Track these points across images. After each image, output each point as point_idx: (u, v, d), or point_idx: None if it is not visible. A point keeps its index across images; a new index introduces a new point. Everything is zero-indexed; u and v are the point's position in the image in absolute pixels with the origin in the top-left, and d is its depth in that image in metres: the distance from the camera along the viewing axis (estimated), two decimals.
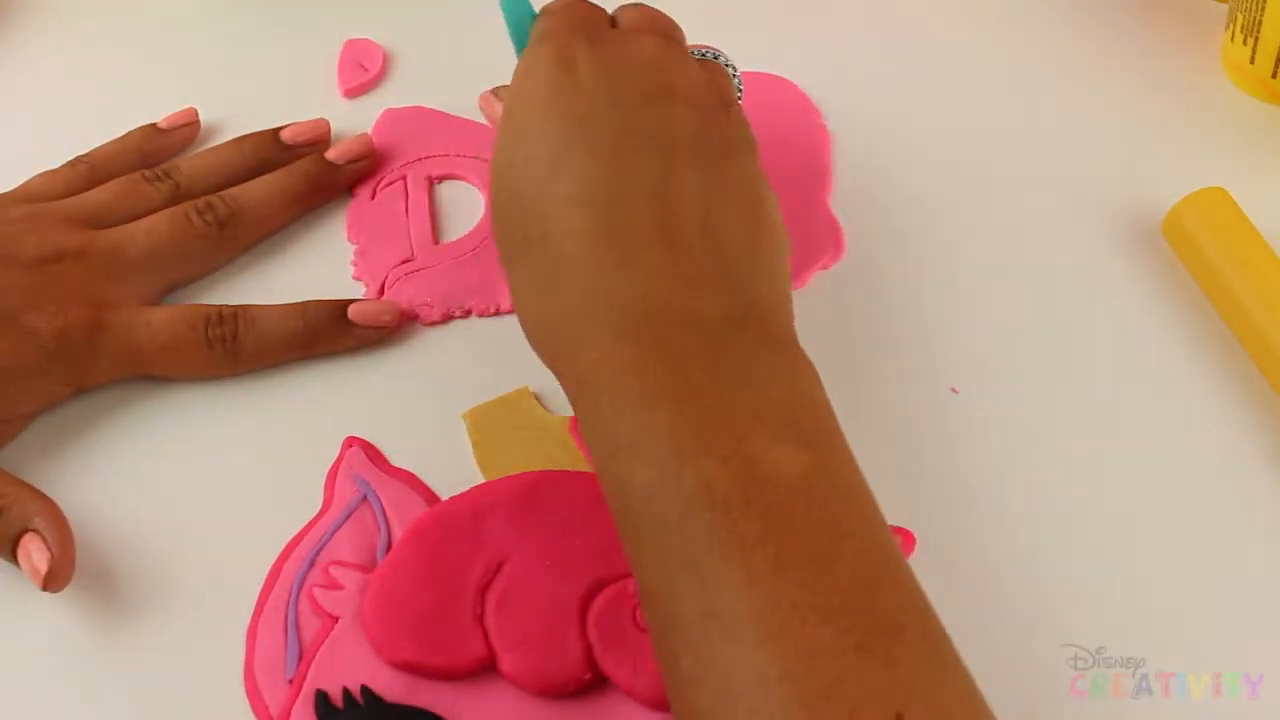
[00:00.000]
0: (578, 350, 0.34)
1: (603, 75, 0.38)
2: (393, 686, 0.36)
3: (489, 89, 0.45)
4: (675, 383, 0.32)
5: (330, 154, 0.49)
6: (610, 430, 0.33)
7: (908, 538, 0.38)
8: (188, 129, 0.51)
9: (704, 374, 0.33)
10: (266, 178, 0.48)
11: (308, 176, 0.49)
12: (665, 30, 0.41)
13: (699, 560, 0.30)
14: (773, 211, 0.38)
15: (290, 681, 0.37)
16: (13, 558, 0.38)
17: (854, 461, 0.33)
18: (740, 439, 0.31)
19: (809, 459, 0.31)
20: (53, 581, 0.38)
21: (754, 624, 0.28)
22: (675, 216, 0.35)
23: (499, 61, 0.54)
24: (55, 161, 0.49)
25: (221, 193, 0.47)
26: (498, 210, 0.38)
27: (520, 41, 0.42)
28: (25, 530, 0.38)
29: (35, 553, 0.38)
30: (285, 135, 0.50)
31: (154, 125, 0.51)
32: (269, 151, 0.49)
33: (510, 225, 0.37)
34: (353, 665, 0.37)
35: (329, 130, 0.51)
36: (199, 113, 0.52)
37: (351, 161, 0.49)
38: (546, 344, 0.36)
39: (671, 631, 0.30)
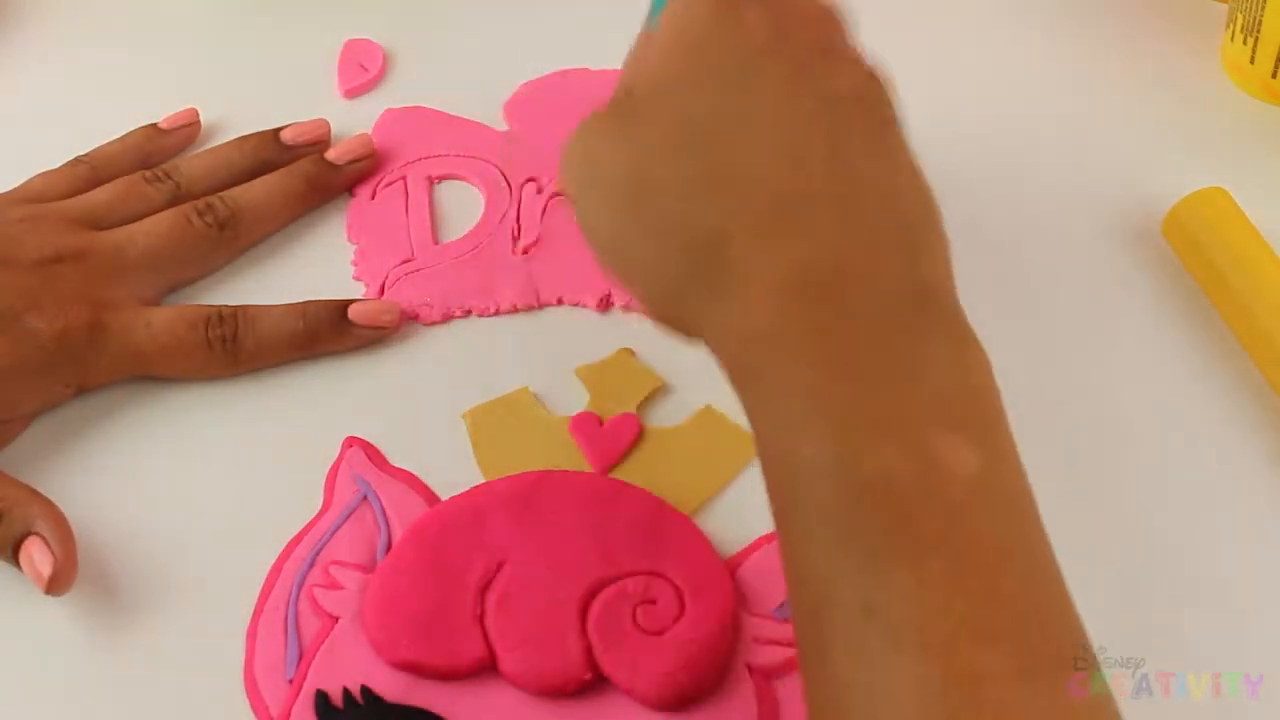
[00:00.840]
0: (742, 302, 0.31)
1: (768, 22, 0.35)
2: (393, 686, 0.36)
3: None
4: (858, 355, 0.30)
5: (330, 154, 0.49)
6: (781, 398, 0.30)
7: None
8: (188, 129, 0.51)
9: (883, 348, 0.30)
10: (266, 178, 0.48)
11: (308, 177, 0.49)
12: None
13: (870, 553, 0.28)
14: (933, 194, 0.35)
15: (290, 681, 0.37)
16: (14, 561, 0.38)
17: (1021, 464, 0.31)
18: (923, 428, 0.29)
19: (983, 458, 0.29)
20: (56, 585, 0.38)
21: (918, 633, 0.27)
22: (852, 181, 0.33)
23: (499, 61, 0.54)
24: (55, 161, 0.49)
25: (222, 193, 0.47)
26: (649, 145, 0.34)
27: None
28: (27, 533, 0.38)
29: (38, 556, 0.38)
30: (285, 136, 0.50)
31: (155, 125, 0.51)
32: (269, 152, 0.49)
33: (679, 163, 0.34)
34: (353, 665, 0.37)
35: (329, 130, 0.51)
36: (199, 113, 0.52)
37: (351, 162, 0.49)
38: (695, 295, 0.33)
39: (825, 617, 0.28)
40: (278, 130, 0.50)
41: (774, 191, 0.32)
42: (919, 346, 0.31)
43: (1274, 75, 0.50)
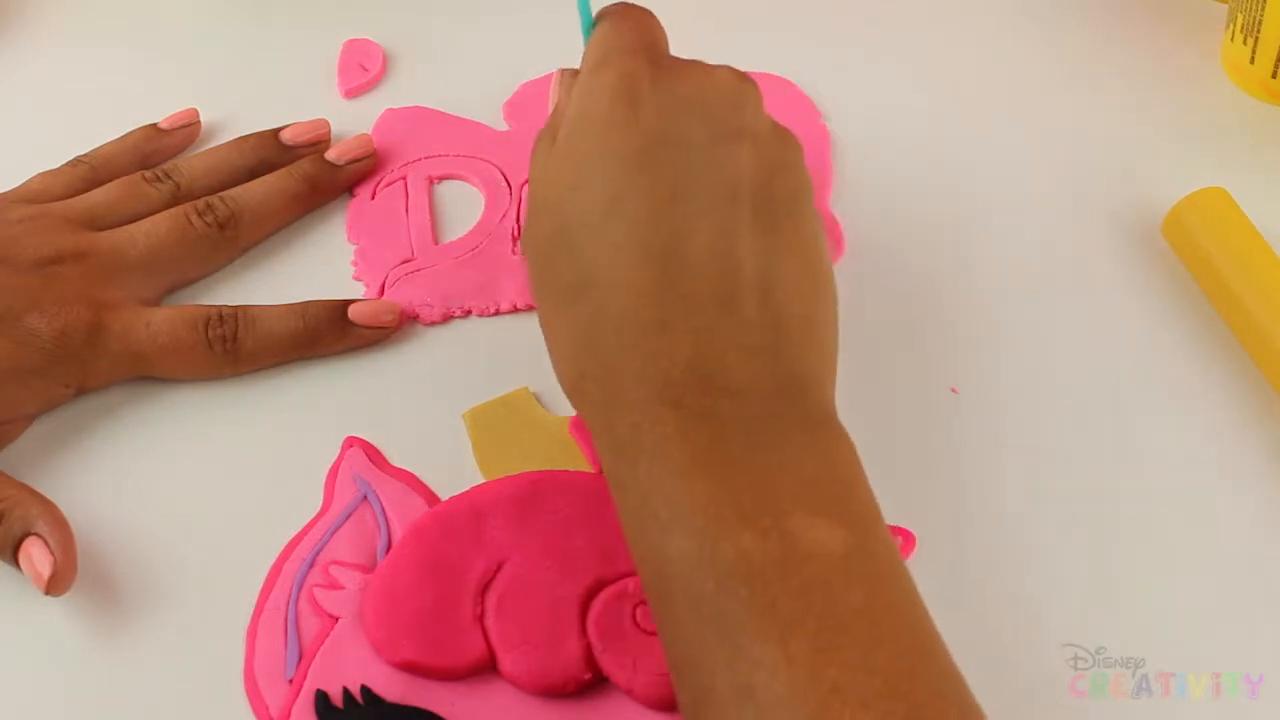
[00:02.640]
0: (617, 409, 0.33)
1: (667, 110, 0.35)
2: (393, 686, 0.36)
3: (562, 69, 0.41)
4: (717, 454, 0.31)
5: (330, 154, 0.49)
6: (647, 496, 0.31)
7: (908, 538, 0.38)
8: (188, 129, 0.51)
9: (745, 446, 0.31)
10: (266, 178, 0.48)
11: (308, 177, 0.49)
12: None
13: (735, 636, 0.29)
14: (829, 274, 0.36)
15: (290, 681, 0.37)
16: (14, 561, 0.38)
17: (892, 542, 0.32)
18: (780, 514, 0.30)
19: (848, 537, 0.30)
20: (56, 585, 0.38)
21: (791, 706, 0.28)
22: (733, 277, 0.33)
23: (499, 61, 0.54)
24: (56, 161, 0.49)
25: (221, 194, 0.47)
26: (540, 243, 0.36)
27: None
28: (27, 534, 0.38)
29: (38, 557, 0.38)
30: (285, 136, 0.50)
31: (155, 125, 0.51)
32: (269, 152, 0.49)
33: (555, 265, 0.35)
34: (353, 665, 0.37)
35: (329, 130, 0.51)
36: (199, 113, 0.52)
37: (352, 161, 0.49)
38: (583, 395, 0.35)
39: (705, 706, 0.29)
40: (278, 130, 0.50)
41: (637, 296, 0.33)
42: (781, 441, 0.32)
43: (1274, 75, 0.50)
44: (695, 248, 0.33)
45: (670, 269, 0.33)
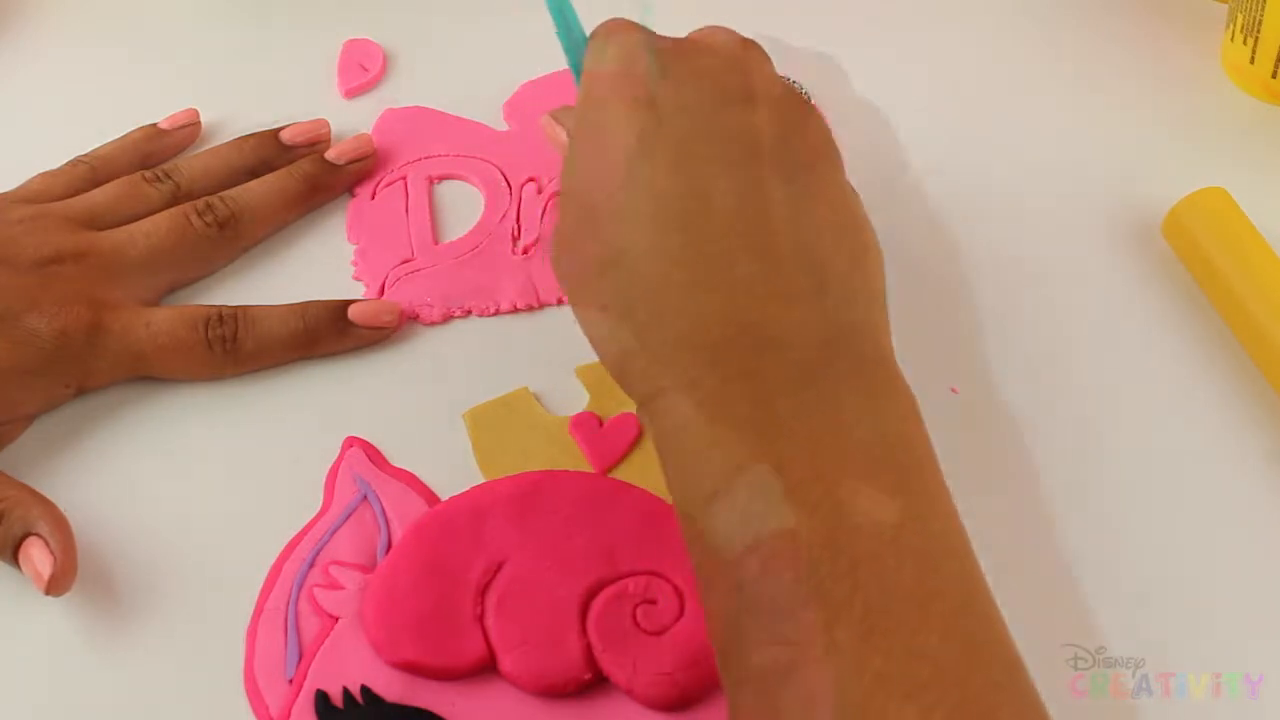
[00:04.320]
0: (658, 378, 0.32)
1: (674, 80, 0.35)
2: (393, 686, 0.36)
3: (549, 113, 0.42)
4: (761, 417, 0.30)
5: (330, 154, 0.49)
6: (693, 469, 0.31)
7: None
8: (189, 130, 0.51)
9: (792, 406, 0.30)
10: (266, 178, 0.48)
11: (307, 177, 0.49)
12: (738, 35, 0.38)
13: (779, 620, 0.28)
14: (867, 225, 0.35)
15: (290, 681, 0.37)
16: (14, 562, 0.38)
17: (951, 505, 0.30)
18: (831, 483, 0.29)
19: (902, 505, 0.29)
20: (56, 586, 0.38)
21: (834, 695, 0.27)
22: (762, 228, 0.33)
23: (499, 61, 0.54)
24: (55, 162, 0.49)
25: (221, 194, 0.47)
26: (565, 234, 0.36)
27: (575, 57, 0.40)
28: (27, 534, 0.38)
29: (38, 557, 0.38)
30: (285, 136, 0.50)
31: (155, 126, 0.51)
32: (269, 152, 0.49)
33: (582, 248, 0.35)
34: (353, 665, 0.37)
35: (329, 130, 0.51)
36: (199, 113, 0.52)
37: (351, 162, 0.49)
38: (627, 371, 0.34)
39: (748, 686, 0.28)
40: (277, 130, 0.50)
41: (665, 260, 0.33)
42: (831, 397, 0.30)
43: (1274, 75, 0.50)
44: (718, 206, 0.33)
45: (694, 228, 0.33)
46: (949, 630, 0.28)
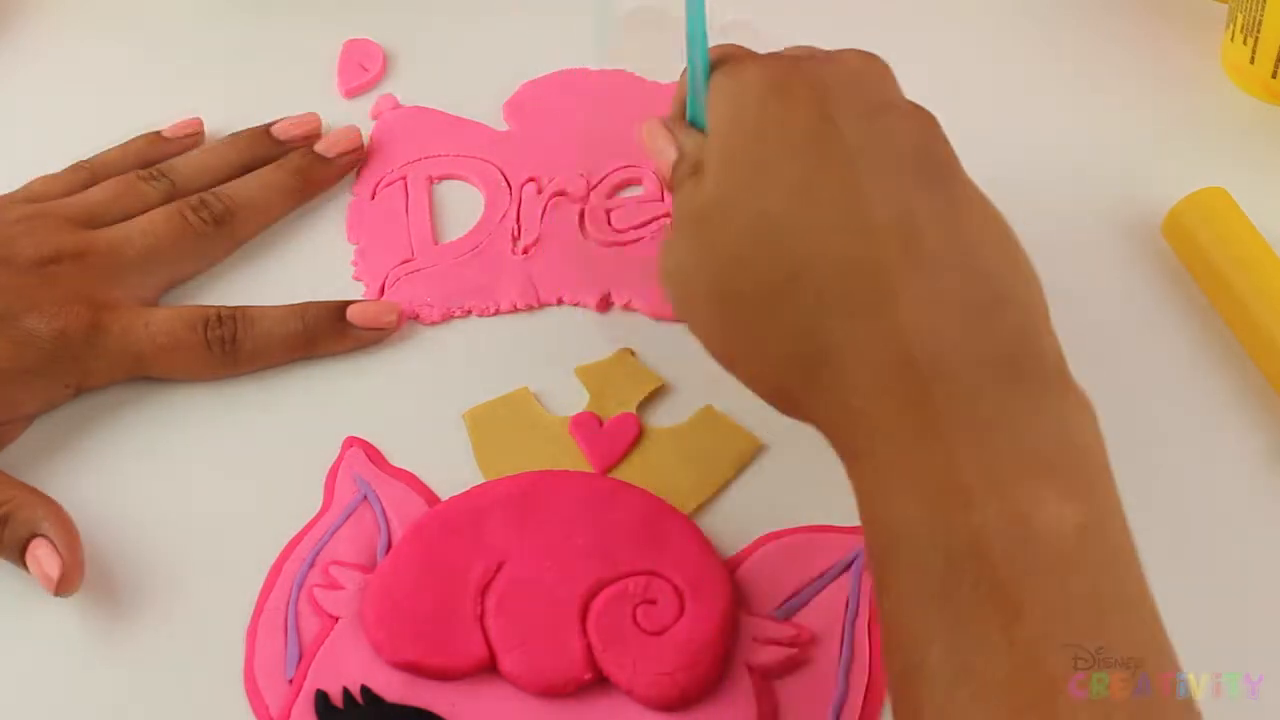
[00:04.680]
0: (843, 387, 0.32)
1: (819, 92, 0.35)
2: (393, 686, 0.36)
3: (655, 119, 0.40)
4: (954, 420, 0.30)
5: (319, 146, 0.50)
6: (881, 469, 0.31)
7: None
8: (191, 138, 0.51)
9: (982, 412, 0.30)
10: (259, 173, 0.49)
11: (299, 170, 0.49)
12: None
13: (959, 614, 0.28)
14: (1012, 231, 0.35)
15: (290, 681, 0.37)
16: (21, 563, 0.38)
17: (1124, 516, 0.31)
18: (1017, 488, 0.29)
19: (1084, 514, 0.29)
20: (64, 586, 0.38)
21: (1008, 693, 0.27)
22: (921, 241, 0.32)
23: (499, 61, 0.54)
24: (55, 162, 0.49)
25: (215, 190, 0.47)
26: (724, 256, 0.35)
27: (696, 103, 0.39)
28: (33, 535, 0.38)
29: (45, 558, 0.38)
30: (277, 131, 0.50)
31: (158, 133, 0.51)
32: (262, 148, 0.50)
33: (752, 267, 0.34)
34: (353, 665, 0.37)
35: (320, 124, 0.51)
36: (203, 121, 0.51)
37: (342, 154, 0.50)
38: (799, 385, 0.34)
39: (918, 679, 0.29)
40: (269, 125, 0.50)
41: (850, 275, 0.32)
42: (1014, 406, 0.31)
43: (1274, 75, 0.50)
44: (883, 219, 0.33)
45: (873, 243, 0.32)
46: (1122, 636, 0.28)
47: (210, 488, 0.41)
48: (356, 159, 0.50)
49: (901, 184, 0.33)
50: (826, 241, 0.33)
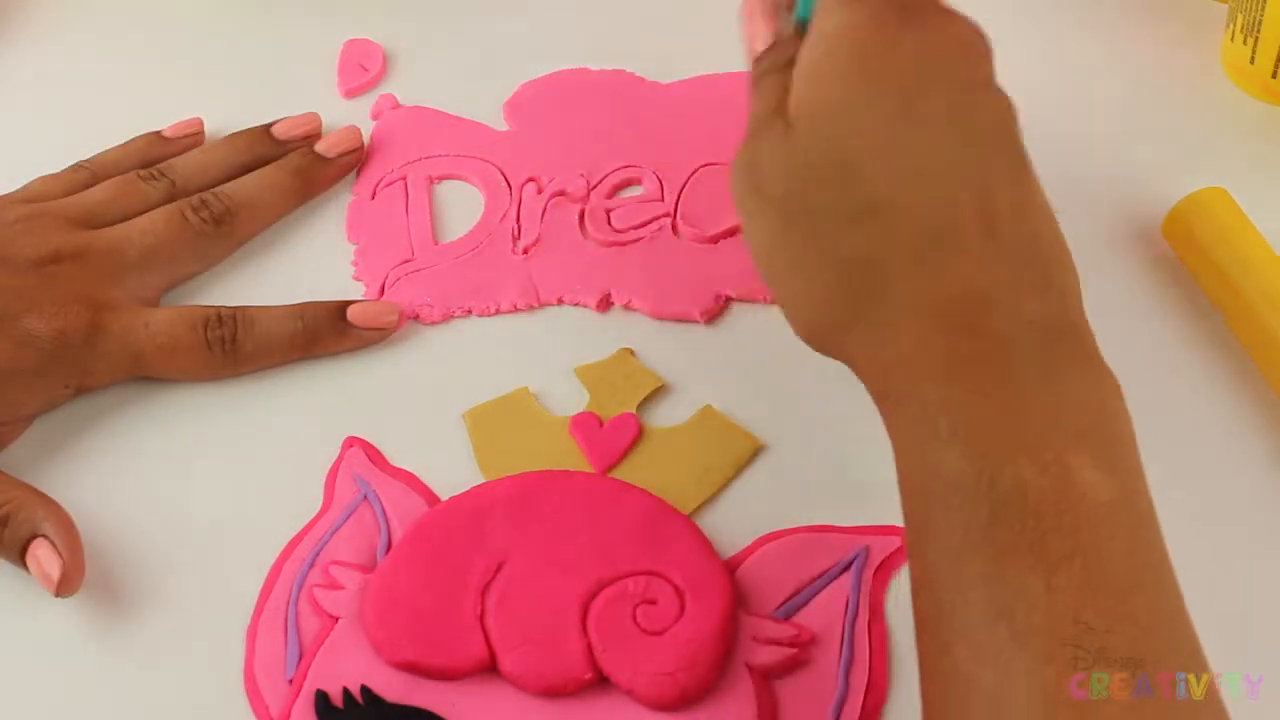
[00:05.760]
0: (894, 333, 0.33)
1: (927, 49, 0.36)
2: (393, 686, 0.36)
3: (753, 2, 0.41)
4: (999, 381, 0.31)
5: (319, 146, 0.50)
6: (928, 417, 0.32)
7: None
8: (191, 139, 0.51)
9: (1029, 376, 0.32)
10: (259, 173, 0.49)
11: (299, 170, 0.49)
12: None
13: (1002, 562, 0.29)
14: (1058, 225, 0.36)
15: (290, 681, 0.37)
16: (21, 563, 0.38)
17: (1150, 496, 0.32)
18: (1060, 450, 0.30)
19: (1117, 485, 0.31)
20: (65, 586, 0.38)
21: (1046, 637, 0.28)
22: (995, 214, 0.34)
23: (499, 61, 0.54)
24: (55, 162, 0.49)
25: (215, 190, 0.47)
26: (802, 166, 0.35)
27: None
28: (34, 536, 0.38)
29: (46, 559, 0.38)
30: (277, 130, 0.50)
31: (158, 133, 0.51)
32: (261, 147, 0.50)
33: (826, 190, 0.35)
34: (353, 665, 0.37)
35: (320, 124, 0.51)
36: (203, 122, 0.51)
37: (342, 154, 0.50)
38: (846, 322, 0.34)
39: (951, 621, 0.30)
40: (269, 125, 0.50)
41: (927, 223, 0.34)
42: (1056, 376, 0.32)
43: (1274, 75, 0.50)
44: (966, 183, 0.34)
45: (950, 201, 0.34)
46: (1154, 603, 0.30)
47: (210, 488, 0.41)
48: (356, 159, 0.50)
49: (986, 156, 0.34)
50: (911, 186, 0.34)
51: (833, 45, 0.36)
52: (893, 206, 0.34)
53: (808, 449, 0.40)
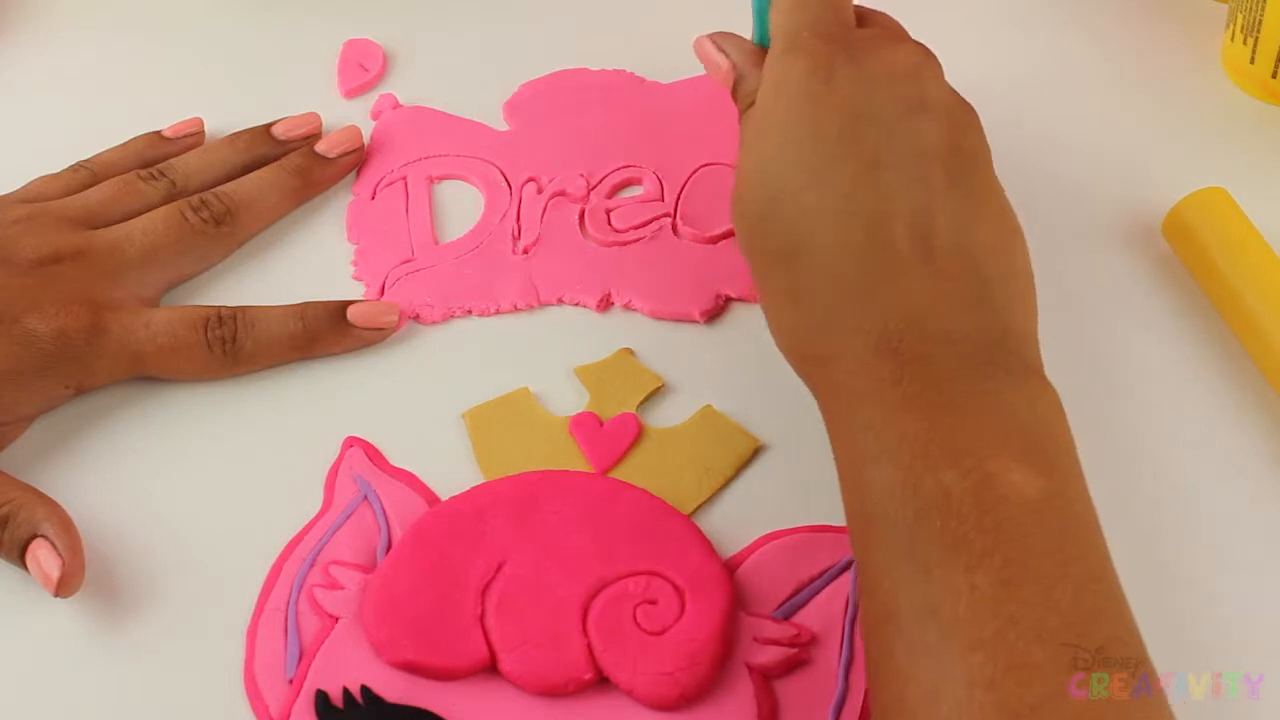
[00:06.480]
0: (834, 359, 0.35)
1: (861, 87, 0.38)
2: (393, 686, 0.36)
3: (707, 35, 0.44)
4: (929, 396, 0.33)
5: (319, 146, 0.50)
6: (861, 435, 0.34)
7: None
8: (192, 139, 0.51)
9: (956, 391, 0.34)
10: (259, 173, 0.49)
11: (299, 170, 0.49)
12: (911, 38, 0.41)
13: (927, 562, 0.31)
14: (1019, 229, 0.38)
15: (290, 681, 0.37)
16: (22, 563, 0.38)
17: (1089, 496, 0.33)
18: (983, 456, 0.32)
19: (1046, 485, 0.32)
20: (65, 587, 0.38)
21: (969, 628, 0.30)
22: (933, 236, 0.36)
23: (499, 61, 0.54)
24: (55, 162, 0.49)
25: (216, 189, 0.47)
26: (751, 215, 0.38)
27: (761, 23, 0.42)
28: (34, 536, 0.38)
29: (46, 559, 0.38)
30: (277, 130, 0.50)
31: (158, 133, 0.51)
32: (262, 147, 0.50)
33: (767, 232, 0.38)
34: (353, 665, 0.37)
35: (320, 124, 0.51)
36: (204, 121, 0.51)
37: (342, 154, 0.50)
38: (800, 350, 0.37)
39: (890, 622, 0.31)
40: (270, 125, 0.50)
41: (854, 257, 0.36)
42: (988, 389, 0.34)
43: (1274, 75, 0.50)
44: (896, 211, 0.36)
45: (875, 232, 0.36)
46: (1079, 593, 0.31)
47: (210, 487, 0.41)
48: (357, 159, 0.50)
49: (923, 182, 0.36)
50: (828, 226, 0.36)
51: (774, 97, 0.39)
52: (811, 248, 0.36)
53: (808, 449, 0.40)
